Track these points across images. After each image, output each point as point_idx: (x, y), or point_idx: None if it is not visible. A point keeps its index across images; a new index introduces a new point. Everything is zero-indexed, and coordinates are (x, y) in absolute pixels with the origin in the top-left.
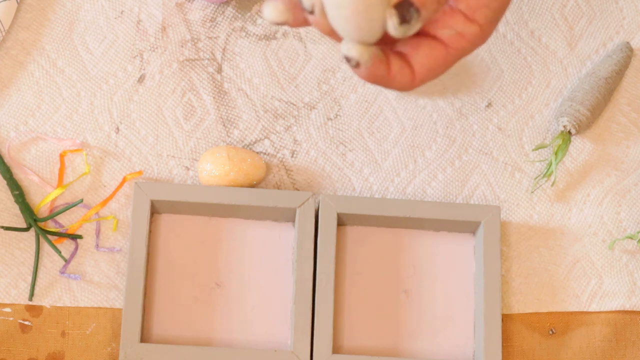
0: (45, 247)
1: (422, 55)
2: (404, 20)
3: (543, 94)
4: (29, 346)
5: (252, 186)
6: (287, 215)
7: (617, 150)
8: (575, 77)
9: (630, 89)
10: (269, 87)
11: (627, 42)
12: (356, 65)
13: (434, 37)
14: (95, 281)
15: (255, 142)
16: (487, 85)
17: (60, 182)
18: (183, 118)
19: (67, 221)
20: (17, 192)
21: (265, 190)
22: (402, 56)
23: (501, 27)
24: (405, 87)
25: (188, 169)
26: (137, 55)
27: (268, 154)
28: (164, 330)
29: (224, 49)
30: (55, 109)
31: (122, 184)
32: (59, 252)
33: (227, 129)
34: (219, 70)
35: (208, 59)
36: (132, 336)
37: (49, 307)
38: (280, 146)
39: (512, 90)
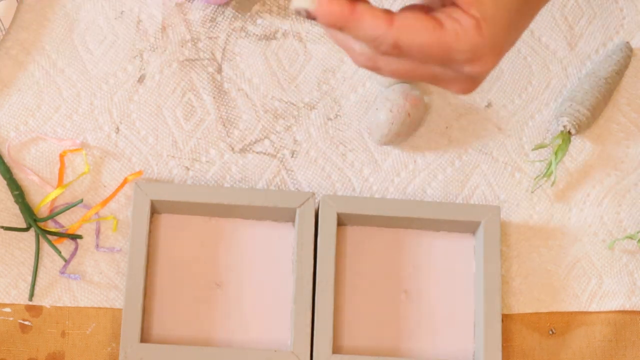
0: (45, 247)
1: (406, 14)
2: None
3: (543, 94)
4: (29, 346)
5: None
6: (287, 215)
7: (617, 150)
8: (575, 77)
9: (630, 89)
10: (269, 87)
11: (627, 42)
12: (308, 16)
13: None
14: (95, 281)
15: (255, 142)
16: (487, 85)
17: (60, 182)
18: (183, 118)
19: (67, 221)
20: (17, 192)
21: (265, 190)
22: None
23: None
24: (378, 33)
25: (188, 169)
26: (137, 55)
27: (268, 154)
28: (164, 330)
29: (224, 49)
30: (55, 109)
31: (122, 185)
32: (59, 252)
33: (227, 129)
34: (219, 70)
35: (208, 59)
36: (132, 336)
37: (49, 307)
38: (280, 146)
39: (512, 90)
